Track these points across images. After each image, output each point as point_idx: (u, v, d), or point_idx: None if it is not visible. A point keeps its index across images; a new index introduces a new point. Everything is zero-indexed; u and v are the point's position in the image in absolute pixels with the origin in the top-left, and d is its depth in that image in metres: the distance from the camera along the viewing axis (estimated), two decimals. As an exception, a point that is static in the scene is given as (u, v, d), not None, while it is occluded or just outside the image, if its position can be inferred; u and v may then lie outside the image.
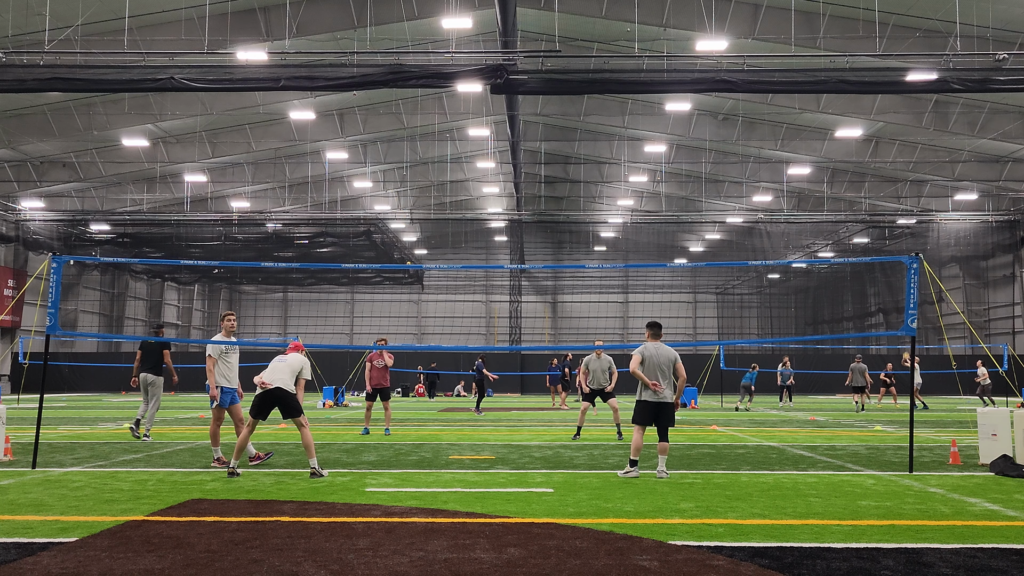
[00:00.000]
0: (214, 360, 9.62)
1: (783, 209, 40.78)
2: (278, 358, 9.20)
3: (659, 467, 8.83)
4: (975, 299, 42.37)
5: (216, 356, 9.65)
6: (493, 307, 55.91)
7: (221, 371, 9.70)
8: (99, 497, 7.30)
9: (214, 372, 9.60)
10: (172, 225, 39.24)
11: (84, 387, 40.23)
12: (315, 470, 8.72)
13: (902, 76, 21.08)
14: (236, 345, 9.99)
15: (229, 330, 9.96)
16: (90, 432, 14.74)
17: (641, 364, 8.86)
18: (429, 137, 37.12)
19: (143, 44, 23.79)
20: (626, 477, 8.70)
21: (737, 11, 25.24)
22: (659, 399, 8.80)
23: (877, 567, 4.91)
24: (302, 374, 9.12)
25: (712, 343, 33.60)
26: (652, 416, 8.85)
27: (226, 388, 9.74)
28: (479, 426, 16.66)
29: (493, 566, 4.88)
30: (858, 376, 23.56)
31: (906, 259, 9.67)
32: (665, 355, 8.92)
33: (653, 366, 8.85)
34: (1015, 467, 9.12)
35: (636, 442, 8.85)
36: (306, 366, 9.19)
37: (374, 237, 41.34)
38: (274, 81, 21.43)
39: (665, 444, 8.91)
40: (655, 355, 8.90)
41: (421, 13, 25.83)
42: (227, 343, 9.82)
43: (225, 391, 9.72)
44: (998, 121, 30.28)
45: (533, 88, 21.90)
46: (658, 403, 8.82)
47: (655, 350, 8.95)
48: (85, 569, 4.78)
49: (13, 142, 31.67)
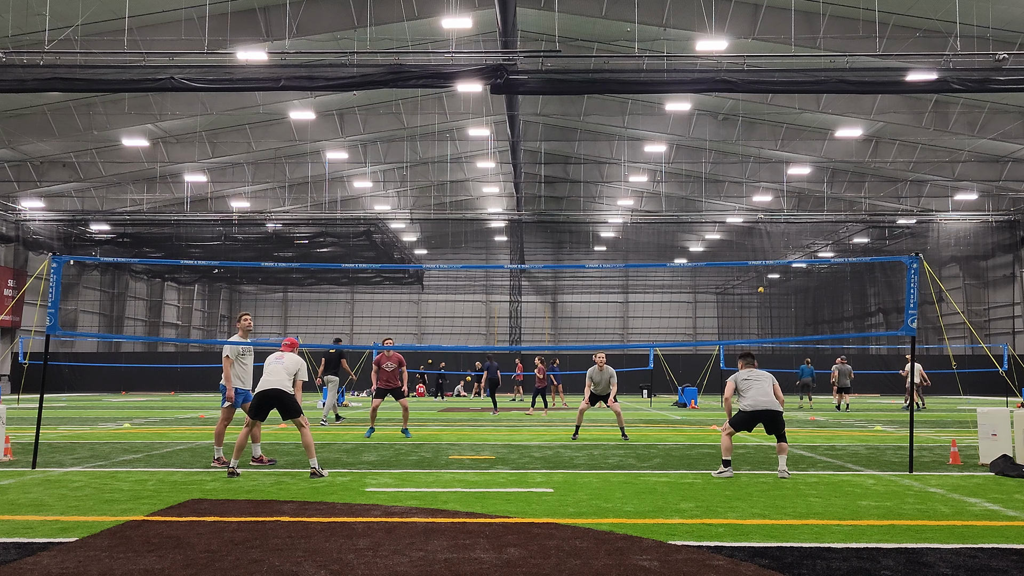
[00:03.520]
0: (231, 361, 9.64)
1: (783, 209, 40.78)
2: (275, 357, 9.15)
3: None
4: (975, 299, 42.37)
5: (233, 357, 9.68)
6: (493, 307, 55.92)
7: (236, 372, 9.75)
8: (99, 497, 7.30)
9: (231, 373, 9.63)
10: (172, 225, 39.24)
11: (84, 387, 40.23)
12: (315, 470, 8.71)
13: (902, 76, 21.08)
14: (252, 346, 10.03)
15: (246, 330, 9.99)
16: (90, 432, 14.74)
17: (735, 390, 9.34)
18: (429, 137, 37.12)
19: (143, 44, 23.78)
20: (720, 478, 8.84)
21: (737, 11, 25.24)
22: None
23: (877, 567, 4.91)
24: (299, 375, 9.10)
25: (712, 343, 33.62)
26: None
27: (239, 389, 9.77)
28: (479, 426, 16.66)
29: (493, 566, 4.88)
30: (843, 377, 23.80)
31: (906, 259, 9.67)
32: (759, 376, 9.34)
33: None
34: (1015, 467, 9.11)
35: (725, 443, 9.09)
36: (303, 368, 9.17)
37: (374, 237, 41.35)
38: (274, 81, 21.44)
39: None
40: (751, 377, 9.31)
41: (421, 13, 25.83)
42: (244, 344, 9.84)
43: (239, 392, 9.75)
44: (998, 121, 30.28)
45: (533, 88, 21.91)
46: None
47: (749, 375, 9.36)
48: (85, 569, 4.78)
49: (13, 142, 31.68)
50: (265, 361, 9.23)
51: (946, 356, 36.32)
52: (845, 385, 23.80)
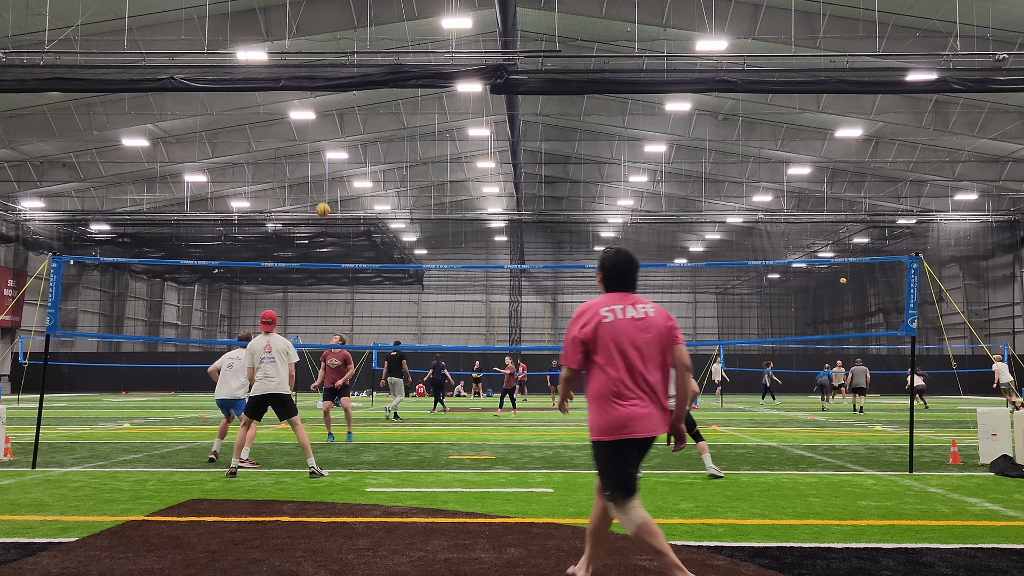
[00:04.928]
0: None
1: (783, 209, 40.78)
2: (264, 352, 8.98)
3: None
4: (975, 299, 42.37)
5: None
6: (493, 307, 55.92)
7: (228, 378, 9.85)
8: (99, 497, 7.30)
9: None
10: (172, 225, 39.24)
11: (84, 387, 40.24)
12: (314, 469, 8.71)
13: (902, 76, 21.07)
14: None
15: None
16: (90, 432, 14.74)
17: None
18: (429, 137, 37.12)
19: (143, 44, 23.79)
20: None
21: (737, 11, 25.24)
22: None
23: (877, 567, 4.91)
24: (290, 358, 9.04)
25: (712, 343, 33.60)
26: None
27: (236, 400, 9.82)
28: (479, 426, 16.66)
29: (493, 566, 4.88)
30: (860, 377, 23.63)
31: (906, 259, 9.67)
32: None
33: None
34: (1015, 467, 9.12)
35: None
36: (291, 349, 9.10)
37: (374, 237, 41.35)
38: (274, 81, 21.43)
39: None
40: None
41: (421, 13, 25.82)
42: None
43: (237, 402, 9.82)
44: (998, 121, 30.27)
45: (533, 88, 21.89)
46: None
47: None
48: (85, 569, 4.78)
49: (13, 142, 31.67)
50: (253, 355, 9.00)
51: (946, 356, 36.31)
52: (860, 386, 23.60)
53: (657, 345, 4.04)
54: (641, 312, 4.05)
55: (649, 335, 4.01)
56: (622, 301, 4.11)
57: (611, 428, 3.94)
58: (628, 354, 3.98)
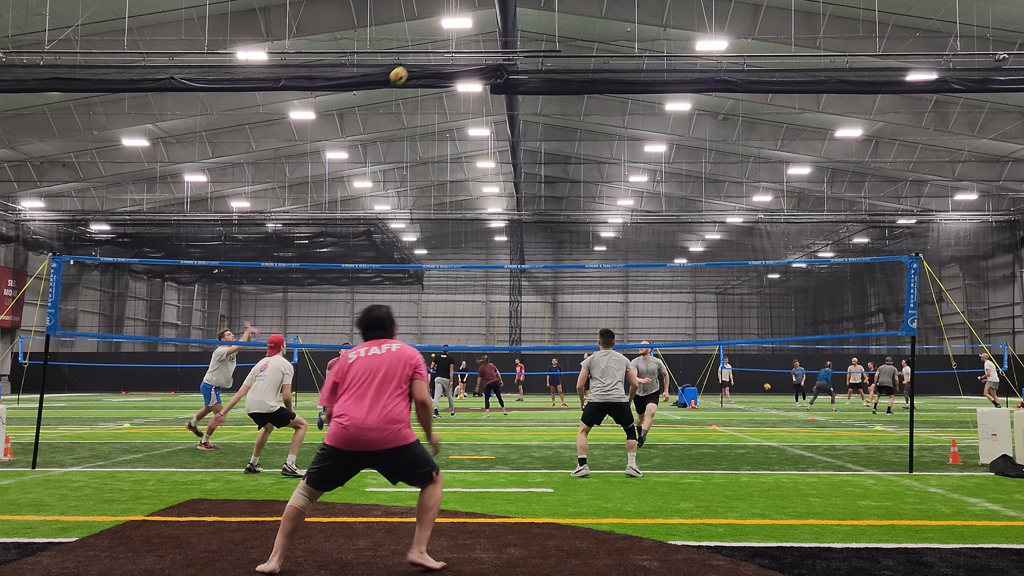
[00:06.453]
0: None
1: (783, 209, 40.77)
2: (258, 370, 9.10)
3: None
4: (975, 299, 42.37)
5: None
6: (493, 307, 55.91)
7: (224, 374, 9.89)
8: (99, 497, 7.30)
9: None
10: (172, 225, 39.23)
11: (84, 387, 40.23)
12: (287, 466, 8.79)
13: (902, 76, 21.07)
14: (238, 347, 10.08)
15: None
16: (90, 432, 14.74)
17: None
18: (429, 137, 37.11)
19: (143, 44, 23.78)
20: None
21: (737, 11, 25.23)
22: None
23: (877, 567, 4.91)
24: (284, 380, 9.06)
25: (712, 343, 33.60)
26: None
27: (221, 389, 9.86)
28: (479, 426, 16.66)
29: (493, 566, 4.88)
30: (886, 376, 23.12)
31: (906, 259, 9.67)
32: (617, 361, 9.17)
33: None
34: (1015, 467, 9.12)
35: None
36: (287, 373, 9.09)
37: (374, 237, 41.34)
38: (274, 81, 21.43)
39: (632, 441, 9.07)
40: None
41: (421, 13, 25.82)
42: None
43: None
44: (998, 121, 30.27)
45: (533, 88, 21.90)
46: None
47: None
48: (85, 569, 4.78)
49: (13, 142, 31.67)
50: (252, 373, 9.17)
51: (946, 356, 36.30)
52: (887, 385, 23.02)
53: (391, 376, 4.87)
54: (384, 350, 4.95)
55: (383, 369, 4.88)
56: (368, 345, 5.04)
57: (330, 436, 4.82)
58: (363, 383, 4.84)
